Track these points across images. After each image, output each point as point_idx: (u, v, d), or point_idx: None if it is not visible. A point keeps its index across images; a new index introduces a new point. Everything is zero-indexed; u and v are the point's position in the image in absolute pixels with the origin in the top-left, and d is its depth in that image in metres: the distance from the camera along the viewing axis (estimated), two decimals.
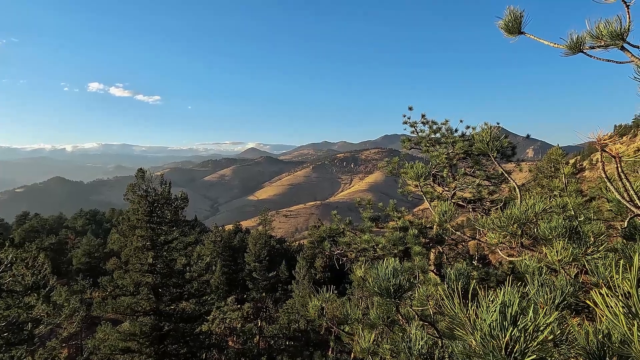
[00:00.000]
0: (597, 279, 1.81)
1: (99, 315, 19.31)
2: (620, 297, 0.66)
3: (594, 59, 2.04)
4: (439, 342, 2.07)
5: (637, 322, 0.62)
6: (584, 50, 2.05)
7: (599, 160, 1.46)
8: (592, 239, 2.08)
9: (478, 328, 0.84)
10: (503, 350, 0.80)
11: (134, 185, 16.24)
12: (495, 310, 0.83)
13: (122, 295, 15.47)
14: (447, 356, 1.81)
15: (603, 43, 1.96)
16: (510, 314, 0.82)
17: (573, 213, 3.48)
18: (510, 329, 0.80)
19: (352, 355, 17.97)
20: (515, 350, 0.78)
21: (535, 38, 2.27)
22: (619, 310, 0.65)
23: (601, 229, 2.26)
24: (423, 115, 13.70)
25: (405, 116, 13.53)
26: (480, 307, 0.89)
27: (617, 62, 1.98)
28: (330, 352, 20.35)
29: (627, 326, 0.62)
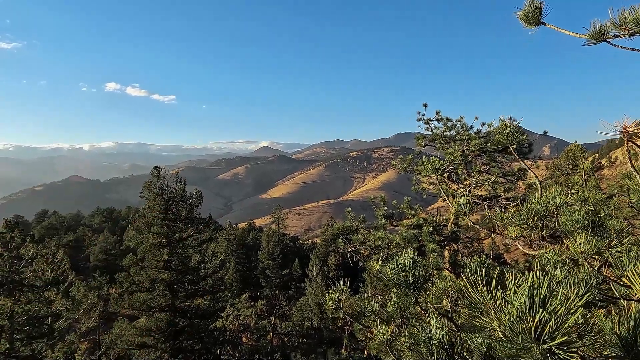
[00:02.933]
0: (621, 271, 1.78)
1: (115, 311, 19.63)
2: None
3: (618, 47, 1.99)
4: (458, 335, 2.06)
5: None
6: (607, 39, 2.01)
7: (625, 149, 1.42)
8: (615, 234, 2.04)
9: (505, 312, 0.83)
10: (533, 332, 0.79)
11: (150, 183, 16.47)
12: (523, 293, 0.82)
13: (138, 291, 15.70)
14: (465, 350, 1.79)
15: (628, 31, 1.91)
16: (539, 296, 0.81)
17: (593, 208, 3.42)
18: (540, 311, 0.79)
19: (365, 353, 17.95)
20: (545, 332, 0.77)
21: (556, 28, 2.22)
22: None
23: (622, 225, 2.21)
24: (438, 112, 13.59)
25: (419, 113, 13.44)
26: (506, 292, 0.88)
27: None
28: (343, 350, 20.36)
29: None
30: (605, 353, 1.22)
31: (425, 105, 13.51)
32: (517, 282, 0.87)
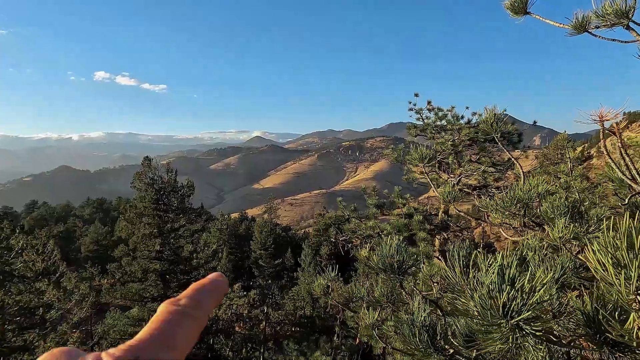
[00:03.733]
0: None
1: (107, 302, 19.64)
2: (610, 250, 0.69)
3: (599, 38, 2.03)
4: (443, 320, 2.12)
5: (624, 272, 0.65)
6: (589, 30, 2.05)
7: (601, 136, 1.47)
8: (595, 220, 2.10)
9: (477, 290, 0.88)
10: (500, 309, 0.84)
11: (141, 173, 16.38)
12: (493, 272, 0.87)
13: (130, 281, 15.71)
14: (450, 333, 1.86)
15: (608, 22, 1.95)
16: (509, 275, 0.85)
17: (577, 196, 3.49)
18: (508, 289, 0.83)
19: (357, 340, 18.20)
20: (512, 308, 0.82)
21: (540, 18, 2.26)
22: (608, 262, 0.68)
23: (605, 212, 2.28)
24: (429, 102, 13.64)
25: (411, 103, 13.48)
26: (479, 272, 0.93)
27: (622, 41, 1.97)
28: (335, 337, 20.61)
29: (615, 276, 0.66)
30: (579, 332, 1.29)
31: (416, 95, 13.55)
32: (489, 262, 0.92)
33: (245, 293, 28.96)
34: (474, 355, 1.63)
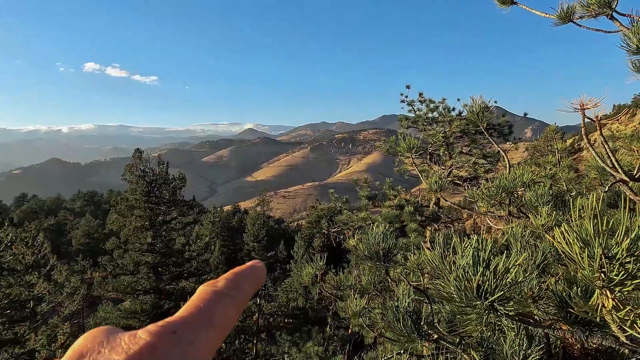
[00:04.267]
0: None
1: (99, 295, 19.58)
2: (575, 230, 0.71)
3: (584, 28, 2.05)
4: (429, 307, 2.15)
5: (587, 249, 0.67)
6: (574, 20, 2.07)
7: (582, 124, 1.50)
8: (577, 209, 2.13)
9: (453, 272, 0.90)
10: (475, 290, 0.86)
11: (132, 165, 16.26)
12: (469, 255, 0.89)
13: (122, 274, 15.66)
14: (436, 320, 1.89)
15: (592, 12, 1.97)
16: (483, 258, 0.87)
17: (564, 186, 3.54)
18: (482, 270, 0.85)
19: (349, 330, 18.37)
20: (485, 289, 0.84)
21: (526, 8, 2.27)
22: (574, 241, 0.70)
23: (592, 203, 2.31)
24: (420, 94, 13.66)
25: (402, 94, 13.49)
26: (456, 255, 0.95)
27: (606, 31, 1.99)
28: (328, 328, 20.78)
29: (579, 253, 0.68)
30: (556, 315, 1.32)
31: (408, 87, 13.56)
32: (464, 245, 0.94)
33: None
34: (457, 340, 1.67)
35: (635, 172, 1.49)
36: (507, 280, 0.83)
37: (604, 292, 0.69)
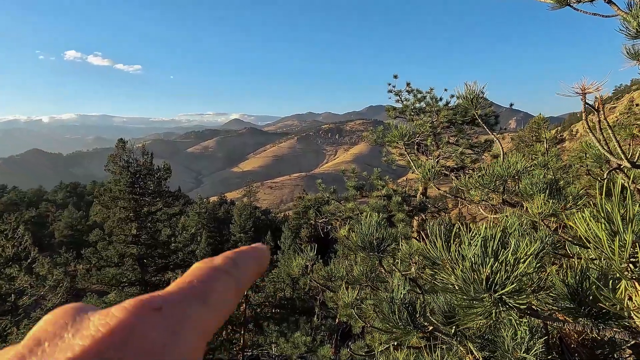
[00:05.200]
0: (574, 231, 1.85)
1: (84, 287, 19.31)
2: (602, 217, 0.65)
3: (581, 12, 2.00)
4: (421, 297, 2.11)
5: (618, 238, 0.62)
6: (571, 4, 2.02)
7: (583, 109, 1.45)
8: (571, 197, 2.11)
9: (459, 264, 0.84)
10: (484, 282, 0.80)
11: (115, 155, 15.93)
12: (477, 245, 0.83)
13: (106, 266, 15.43)
14: (429, 311, 1.85)
15: None
16: (492, 247, 0.82)
17: (552, 174, 3.54)
18: (491, 261, 0.80)
19: (336, 320, 18.48)
20: (495, 281, 0.79)
21: None
22: (601, 229, 0.65)
23: (579, 191, 2.29)
24: (408, 84, 13.62)
25: (390, 84, 13.44)
26: (461, 245, 0.89)
27: (603, 15, 1.95)
28: (315, 318, 20.88)
29: (608, 245, 0.62)
30: (556, 306, 1.28)
31: (395, 77, 13.50)
32: (471, 234, 0.88)
33: None
34: (453, 331, 1.63)
35: (636, 158, 1.45)
36: (519, 272, 0.78)
37: (633, 284, 0.64)
